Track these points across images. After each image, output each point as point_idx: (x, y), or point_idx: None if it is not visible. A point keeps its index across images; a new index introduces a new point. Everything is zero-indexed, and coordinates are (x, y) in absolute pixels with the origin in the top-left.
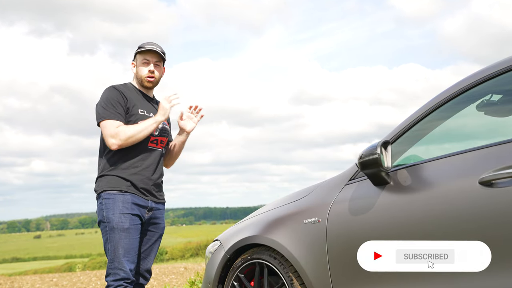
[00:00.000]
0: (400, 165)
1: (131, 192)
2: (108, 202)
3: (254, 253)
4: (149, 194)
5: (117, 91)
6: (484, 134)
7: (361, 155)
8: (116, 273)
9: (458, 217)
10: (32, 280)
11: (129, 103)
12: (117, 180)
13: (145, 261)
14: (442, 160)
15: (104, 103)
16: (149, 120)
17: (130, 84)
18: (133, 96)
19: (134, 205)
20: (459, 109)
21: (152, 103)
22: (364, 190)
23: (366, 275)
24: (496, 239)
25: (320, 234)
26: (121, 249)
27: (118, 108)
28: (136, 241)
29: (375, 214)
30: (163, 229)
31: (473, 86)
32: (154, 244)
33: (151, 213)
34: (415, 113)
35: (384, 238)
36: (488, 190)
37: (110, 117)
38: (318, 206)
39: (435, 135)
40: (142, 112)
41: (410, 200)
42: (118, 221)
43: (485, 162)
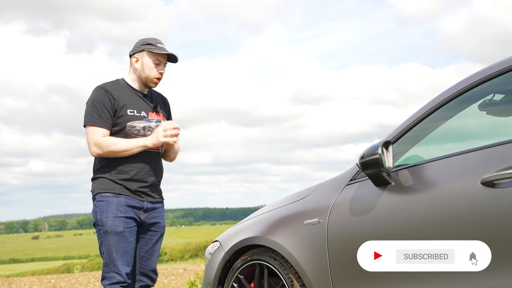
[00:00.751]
0: (402, 166)
1: (125, 194)
2: (102, 204)
3: (254, 254)
4: (144, 195)
5: (104, 91)
6: (486, 134)
7: (362, 155)
8: (111, 276)
9: (460, 218)
10: (30, 281)
11: (117, 104)
12: (110, 182)
13: (149, 261)
14: (444, 161)
15: (90, 106)
16: (138, 141)
17: (122, 80)
18: (123, 94)
19: (129, 207)
20: (461, 108)
21: (146, 99)
22: (365, 191)
23: (367, 276)
24: (498, 239)
25: (320, 235)
26: (115, 253)
27: (104, 112)
28: (131, 243)
29: (376, 215)
30: (163, 228)
31: (475, 86)
32: (156, 243)
33: (147, 214)
34: (417, 112)
35: (386, 239)
36: (490, 190)
37: (96, 124)
38: (318, 207)
39: (437, 135)
40: (132, 113)
41: (412, 200)
42: (112, 225)
43: (487, 162)
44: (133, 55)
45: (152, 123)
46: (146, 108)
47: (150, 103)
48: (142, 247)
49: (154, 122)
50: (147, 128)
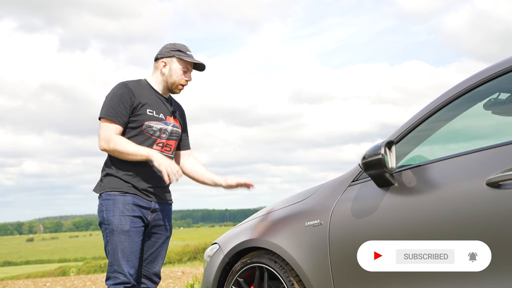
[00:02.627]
0: (405, 166)
1: (132, 193)
2: (108, 203)
3: (254, 257)
4: (152, 195)
5: (126, 88)
6: (491, 134)
7: (364, 156)
8: (115, 276)
9: (465, 220)
10: (24, 284)
11: (136, 102)
12: (118, 181)
13: (152, 264)
14: (448, 161)
15: (109, 100)
16: (144, 150)
17: (144, 81)
18: (145, 94)
19: (136, 206)
20: (466, 108)
21: (166, 103)
22: (367, 192)
23: (370, 279)
24: (504, 241)
25: (322, 237)
26: (120, 252)
27: (120, 108)
28: (137, 244)
29: (379, 216)
30: (170, 231)
31: (480, 84)
32: (161, 246)
33: (154, 215)
34: (420, 112)
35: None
36: (496, 191)
37: (110, 118)
38: (320, 208)
39: (441, 135)
40: (151, 113)
41: (416, 202)
42: (118, 223)
43: (492, 163)
44: (161, 58)
45: (169, 126)
46: (165, 111)
47: (170, 107)
48: (147, 249)
49: (170, 126)
50: (163, 131)
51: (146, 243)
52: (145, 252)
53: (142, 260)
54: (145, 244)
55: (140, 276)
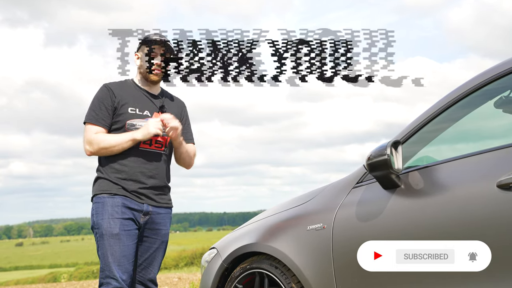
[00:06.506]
0: (412, 167)
1: (122, 195)
2: (98, 206)
3: (254, 262)
4: (145, 197)
5: (106, 89)
6: (502, 134)
7: (369, 156)
8: (108, 282)
9: (475, 223)
10: None
11: (117, 102)
12: (107, 183)
13: (147, 270)
14: (457, 162)
15: (90, 104)
16: (126, 135)
17: (130, 80)
18: (127, 93)
19: (126, 208)
20: (475, 106)
21: (153, 99)
22: (372, 194)
23: (375, 285)
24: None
25: (325, 242)
26: (110, 257)
27: (101, 110)
28: (129, 247)
29: (385, 219)
30: (165, 235)
31: (490, 82)
32: (156, 252)
33: (148, 218)
34: (428, 111)
35: None
36: (507, 194)
37: (92, 121)
38: (323, 211)
39: (449, 134)
40: (133, 111)
41: (423, 204)
42: (107, 227)
43: (503, 164)
44: (136, 53)
45: None
46: (151, 108)
47: (158, 103)
48: (141, 254)
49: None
50: None
51: (140, 248)
52: (139, 258)
53: (136, 265)
54: (139, 249)
55: (134, 282)
